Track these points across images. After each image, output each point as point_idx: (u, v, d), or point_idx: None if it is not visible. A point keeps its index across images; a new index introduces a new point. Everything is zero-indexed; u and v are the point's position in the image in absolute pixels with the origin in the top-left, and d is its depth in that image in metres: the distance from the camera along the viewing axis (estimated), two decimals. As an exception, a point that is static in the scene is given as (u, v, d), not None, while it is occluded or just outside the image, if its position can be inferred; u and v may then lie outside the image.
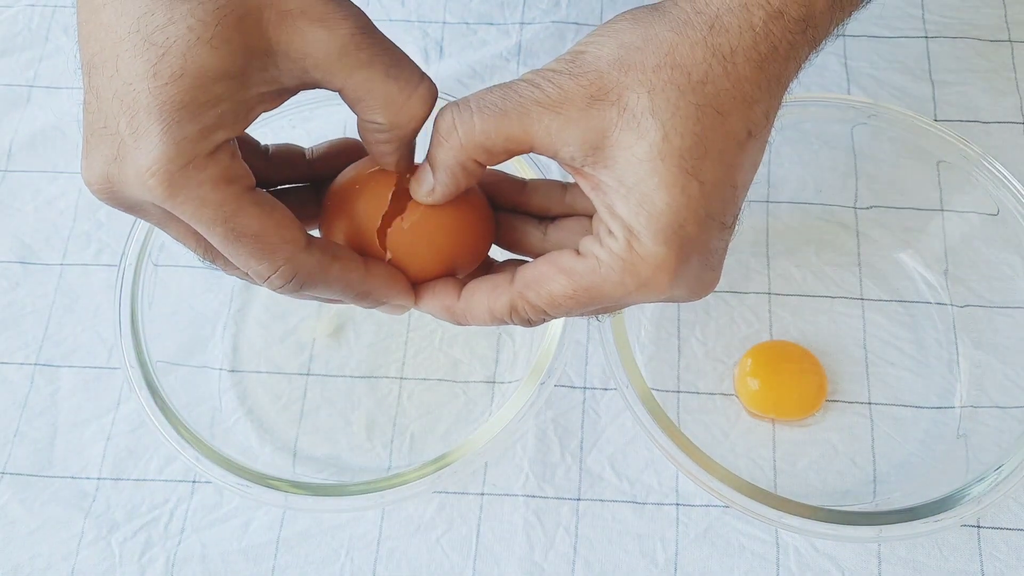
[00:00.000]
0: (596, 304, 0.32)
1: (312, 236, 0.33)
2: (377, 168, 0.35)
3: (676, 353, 0.53)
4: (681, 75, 0.30)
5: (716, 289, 0.54)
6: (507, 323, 0.34)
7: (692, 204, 0.30)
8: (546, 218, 0.37)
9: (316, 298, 0.35)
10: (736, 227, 0.33)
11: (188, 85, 0.29)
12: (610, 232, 0.31)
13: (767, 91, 0.31)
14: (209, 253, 0.33)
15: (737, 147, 0.31)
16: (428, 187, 0.33)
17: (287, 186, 0.38)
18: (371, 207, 0.34)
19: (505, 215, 0.37)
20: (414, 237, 0.34)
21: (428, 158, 0.33)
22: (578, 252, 0.32)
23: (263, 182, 0.37)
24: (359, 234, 0.35)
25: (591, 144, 0.30)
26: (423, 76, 0.32)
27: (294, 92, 0.32)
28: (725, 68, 0.30)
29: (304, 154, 0.38)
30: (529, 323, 0.34)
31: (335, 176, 0.37)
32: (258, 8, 0.30)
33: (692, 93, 0.30)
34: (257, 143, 0.37)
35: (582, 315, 0.35)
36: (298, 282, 0.32)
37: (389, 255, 0.34)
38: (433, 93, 0.32)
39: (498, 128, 0.31)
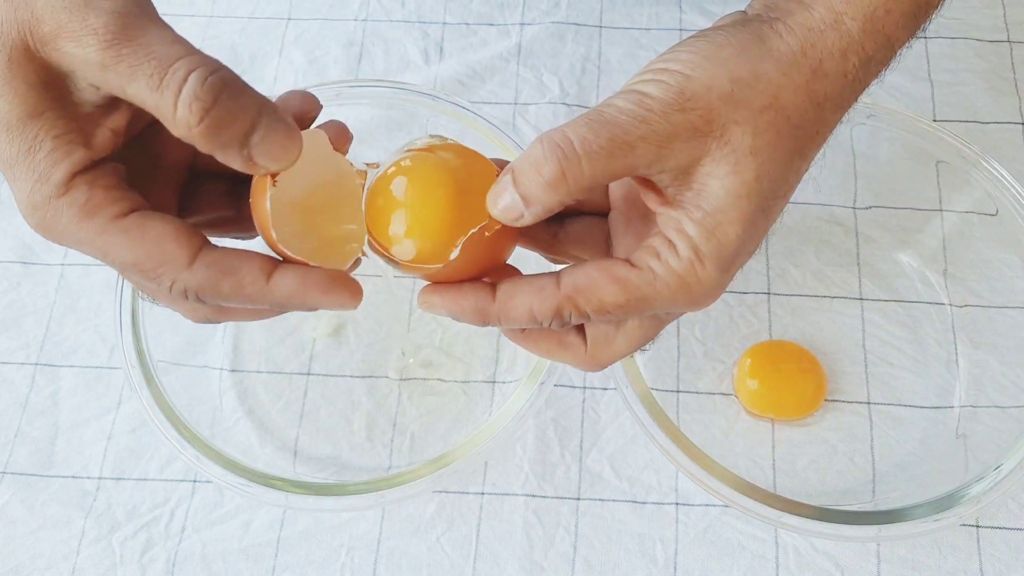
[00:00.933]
0: (642, 314, 0.33)
1: (205, 251, 0.31)
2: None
3: (675, 353, 0.53)
4: (782, 119, 0.30)
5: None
6: (544, 325, 0.33)
7: (755, 236, 0.31)
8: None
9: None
10: None
11: (3, 139, 0.29)
12: (672, 247, 0.31)
13: (833, 129, 0.33)
14: None
15: (799, 182, 0.32)
16: (516, 215, 0.31)
17: None
18: (260, 213, 0.33)
19: None
20: (483, 246, 0.33)
21: (520, 189, 0.31)
22: (631, 263, 0.32)
23: (218, 173, 0.36)
24: (265, 236, 0.33)
25: (682, 168, 0.30)
26: (187, 74, 0.28)
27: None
28: (817, 115, 0.31)
29: None
30: (569, 327, 0.34)
31: None
32: (21, 40, 0.29)
33: (789, 138, 0.30)
34: None
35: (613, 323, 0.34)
36: (193, 297, 0.31)
37: (455, 253, 0.32)
38: (196, 95, 0.28)
39: (605, 170, 0.30)
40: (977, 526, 0.48)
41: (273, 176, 0.32)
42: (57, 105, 0.29)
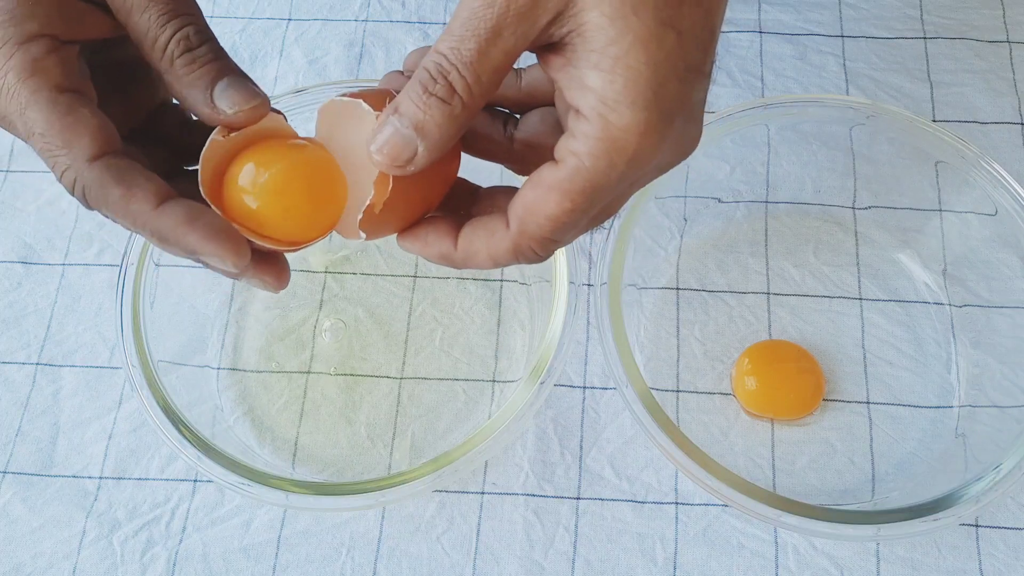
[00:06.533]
0: (598, 203, 0.30)
1: (114, 155, 0.31)
2: None
3: (675, 353, 0.53)
4: None
5: (715, 289, 0.54)
6: (511, 264, 0.32)
7: (671, 58, 0.27)
8: (509, 116, 0.35)
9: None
10: (712, 74, 0.31)
11: None
12: (579, 115, 0.28)
13: None
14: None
15: None
16: (409, 156, 0.30)
17: None
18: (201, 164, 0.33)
19: None
20: (389, 207, 0.31)
21: (416, 125, 0.29)
22: (555, 160, 0.29)
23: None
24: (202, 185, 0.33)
25: (558, 12, 0.28)
26: (187, 24, 0.32)
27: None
28: None
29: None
30: (539, 259, 0.32)
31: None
32: None
33: None
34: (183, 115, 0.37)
35: (589, 228, 0.32)
36: (80, 194, 0.31)
37: (363, 235, 0.32)
38: (187, 36, 0.31)
39: (490, 69, 0.28)
40: (976, 526, 0.48)
41: (228, 132, 0.32)
42: None
